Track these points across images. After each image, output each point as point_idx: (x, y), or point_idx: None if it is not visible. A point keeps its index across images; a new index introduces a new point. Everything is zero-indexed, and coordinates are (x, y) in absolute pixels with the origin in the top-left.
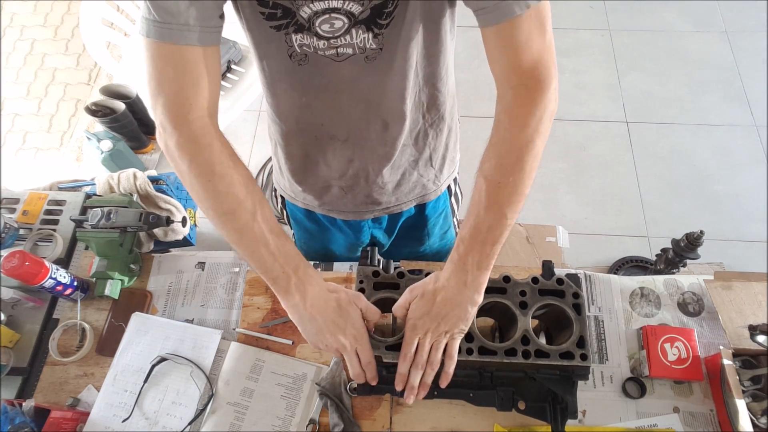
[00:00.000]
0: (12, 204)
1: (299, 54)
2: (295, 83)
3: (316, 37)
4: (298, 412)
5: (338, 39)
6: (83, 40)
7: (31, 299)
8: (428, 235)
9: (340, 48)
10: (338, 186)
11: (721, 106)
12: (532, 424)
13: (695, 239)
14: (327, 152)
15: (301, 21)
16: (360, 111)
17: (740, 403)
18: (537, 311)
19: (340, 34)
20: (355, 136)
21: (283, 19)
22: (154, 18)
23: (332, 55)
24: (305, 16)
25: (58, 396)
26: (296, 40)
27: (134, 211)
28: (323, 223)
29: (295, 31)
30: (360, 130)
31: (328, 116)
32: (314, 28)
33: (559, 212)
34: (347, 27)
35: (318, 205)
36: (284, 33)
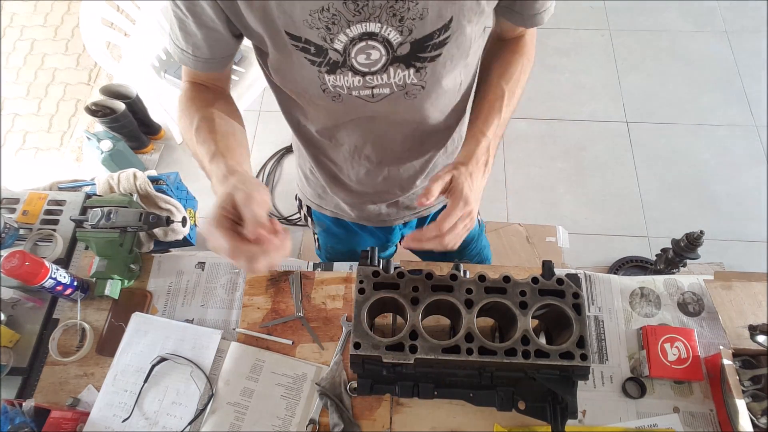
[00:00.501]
0: (12, 204)
1: (332, 92)
2: (329, 113)
3: (351, 72)
4: (298, 412)
5: (375, 77)
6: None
7: (31, 299)
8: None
9: (376, 88)
10: (371, 198)
11: (721, 106)
12: (532, 424)
13: (695, 239)
14: (360, 171)
15: (334, 58)
16: (396, 137)
17: (740, 403)
18: (537, 311)
19: (377, 69)
20: (389, 158)
21: (317, 57)
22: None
23: (367, 95)
24: (340, 47)
25: (58, 396)
26: (329, 81)
27: (134, 211)
28: (353, 228)
29: (328, 71)
30: (395, 153)
31: (362, 143)
32: (350, 61)
33: (559, 212)
34: (384, 62)
35: (349, 214)
36: (317, 69)
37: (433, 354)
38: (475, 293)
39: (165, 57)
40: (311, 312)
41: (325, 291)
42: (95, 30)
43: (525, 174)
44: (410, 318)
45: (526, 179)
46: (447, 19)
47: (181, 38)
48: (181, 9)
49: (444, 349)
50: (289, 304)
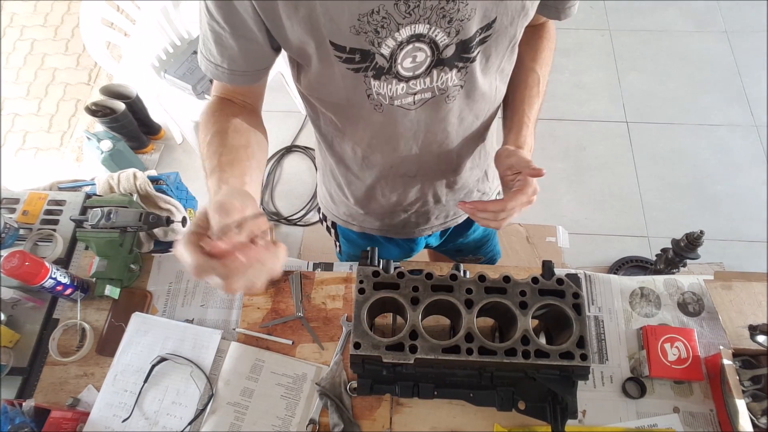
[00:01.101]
0: (12, 204)
1: (375, 100)
2: (368, 125)
3: (396, 79)
4: (298, 412)
5: (418, 80)
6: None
7: (31, 299)
8: (474, 230)
9: (418, 94)
10: (403, 211)
11: (721, 106)
12: (532, 424)
13: (695, 239)
14: (396, 186)
15: (380, 63)
16: (433, 151)
17: (740, 403)
18: (537, 311)
19: (421, 72)
20: (425, 171)
21: (362, 63)
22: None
23: (408, 103)
24: (387, 52)
25: (58, 396)
26: (374, 86)
27: (134, 211)
28: (378, 240)
29: (374, 76)
30: (431, 166)
31: (399, 158)
32: (395, 67)
33: (559, 212)
34: (429, 64)
35: (378, 228)
36: (363, 75)
37: (433, 354)
38: (475, 293)
39: (165, 57)
40: (311, 312)
41: (325, 291)
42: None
43: None
44: (410, 318)
45: None
46: (491, 19)
47: (216, 52)
48: (218, 22)
49: (444, 349)
50: (289, 304)
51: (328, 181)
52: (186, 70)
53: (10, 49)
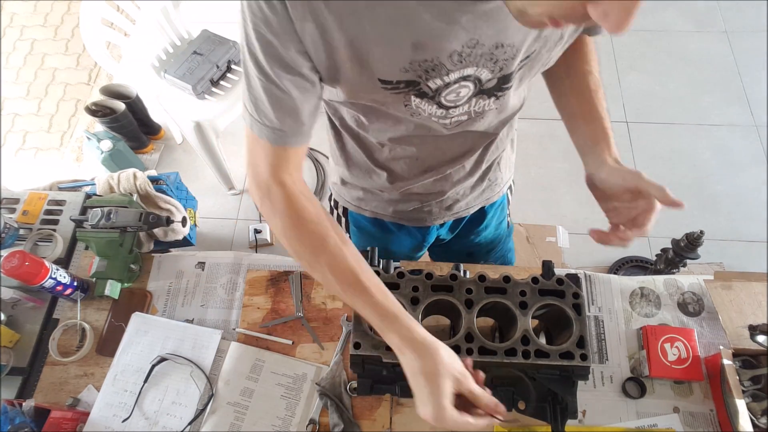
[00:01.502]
0: (12, 204)
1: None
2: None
3: (437, 106)
4: (298, 412)
5: (457, 109)
6: (83, 40)
7: (31, 299)
8: (486, 227)
9: (454, 117)
10: (418, 197)
11: (721, 106)
12: (532, 424)
13: (695, 239)
14: (418, 178)
15: (424, 90)
16: (459, 151)
17: (740, 403)
18: (537, 311)
19: (462, 103)
20: (447, 167)
21: (406, 88)
22: (265, 123)
23: (445, 123)
24: (433, 87)
25: (58, 396)
26: (414, 101)
27: (134, 211)
28: (390, 227)
29: (416, 95)
30: (455, 163)
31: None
32: (438, 98)
33: (559, 212)
34: (470, 95)
35: (390, 214)
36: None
37: None
38: (475, 293)
39: (165, 57)
40: (311, 312)
41: (325, 291)
42: (95, 30)
43: (525, 174)
44: None
45: (526, 179)
46: (531, 52)
47: (274, 116)
48: (279, 86)
49: None
50: (289, 304)
51: (341, 165)
52: (186, 70)
53: (10, 49)
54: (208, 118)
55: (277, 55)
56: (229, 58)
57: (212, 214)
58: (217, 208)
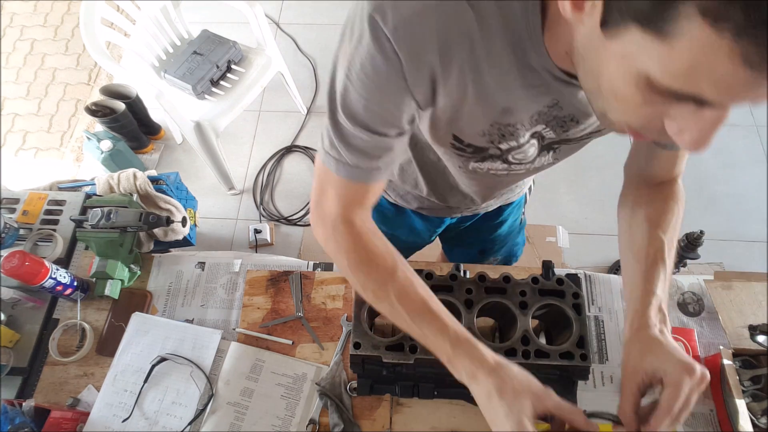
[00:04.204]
0: (12, 204)
1: (469, 171)
2: (446, 176)
3: (501, 161)
4: (298, 412)
5: (522, 165)
6: (83, 40)
7: (31, 299)
8: (501, 223)
9: (513, 172)
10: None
11: None
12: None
13: (695, 239)
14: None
15: (493, 153)
16: (501, 185)
17: (740, 403)
18: (537, 311)
19: (527, 162)
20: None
21: (471, 154)
22: (344, 160)
23: (503, 174)
24: (504, 148)
25: (58, 396)
26: (472, 165)
27: (134, 211)
28: (407, 212)
29: (477, 160)
30: (492, 192)
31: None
32: (506, 156)
33: (559, 212)
34: (536, 155)
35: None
36: (466, 157)
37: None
38: (475, 293)
39: (165, 57)
40: (311, 312)
41: (325, 291)
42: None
43: None
44: None
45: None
46: (602, 129)
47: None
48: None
49: None
50: (289, 304)
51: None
52: (186, 70)
53: (10, 49)
54: (208, 118)
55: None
56: (229, 58)
57: (212, 214)
58: (217, 208)
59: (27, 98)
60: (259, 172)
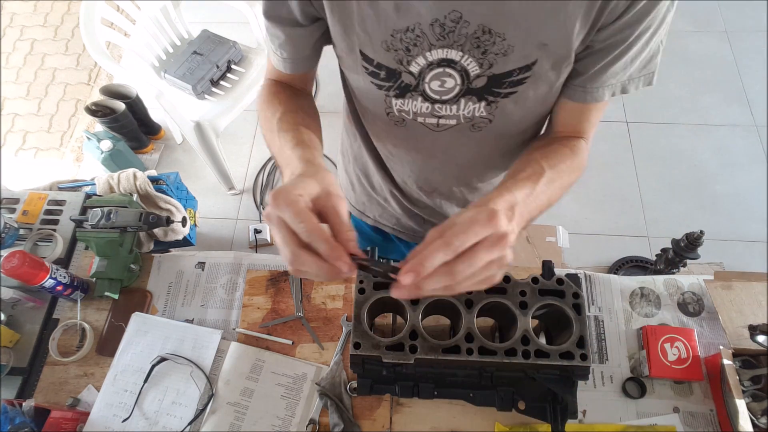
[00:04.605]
0: (12, 204)
1: (396, 116)
2: (390, 134)
3: (422, 97)
4: (298, 412)
5: (444, 106)
6: (83, 40)
7: (31, 299)
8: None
9: (443, 119)
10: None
11: (721, 106)
12: (533, 422)
13: (695, 239)
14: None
15: (406, 82)
16: (452, 174)
17: (740, 403)
18: (537, 311)
19: (448, 99)
20: (441, 189)
21: (386, 81)
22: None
23: (432, 124)
24: (416, 71)
25: (58, 396)
26: (395, 105)
27: (134, 211)
28: (391, 237)
29: (396, 95)
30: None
31: (417, 170)
32: (422, 85)
33: (559, 212)
34: (457, 93)
35: (392, 226)
36: (385, 93)
37: (433, 354)
38: (475, 293)
39: (165, 57)
40: (311, 312)
41: (325, 291)
42: (95, 30)
43: None
44: (410, 318)
45: None
46: (531, 61)
47: (273, 44)
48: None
49: (444, 349)
50: (289, 304)
51: (351, 169)
52: (186, 70)
53: (10, 49)
54: (208, 118)
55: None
56: (229, 58)
57: (212, 214)
58: (217, 208)
59: (27, 98)
60: (259, 172)
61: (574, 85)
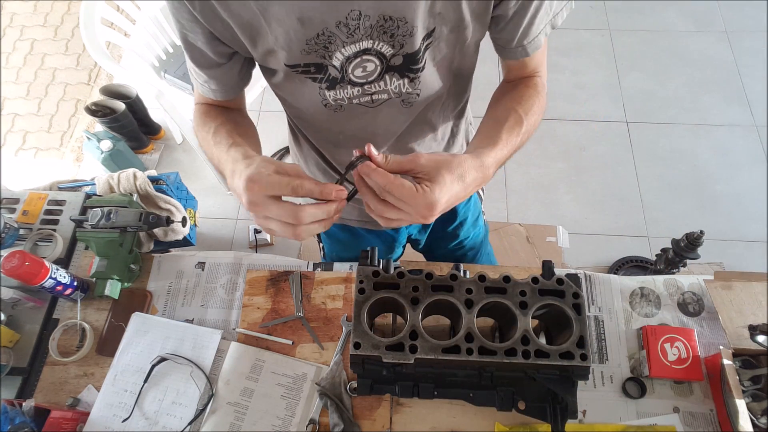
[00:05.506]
0: (12, 204)
1: (333, 105)
2: (332, 121)
3: (350, 85)
4: (298, 412)
5: (372, 85)
6: (83, 40)
7: (31, 299)
8: (462, 226)
9: (375, 94)
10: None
11: (721, 106)
12: (533, 422)
13: (695, 239)
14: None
15: (333, 74)
16: (394, 147)
17: (740, 403)
18: (537, 311)
19: (374, 78)
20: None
21: (317, 74)
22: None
23: (367, 101)
24: (337, 64)
25: (58, 396)
26: (329, 96)
27: (134, 211)
28: (359, 232)
29: (328, 87)
30: (397, 149)
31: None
32: (347, 76)
33: (559, 212)
34: (380, 71)
35: (356, 218)
36: (318, 85)
37: (433, 354)
38: (475, 293)
39: (165, 57)
40: (311, 312)
41: (325, 291)
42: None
43: (525, 174)
44: (410, 318)
45: (526, 179)
46: (430, 29)
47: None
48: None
49: (444, 349)
50: (289, 304)
51: (303, 168)
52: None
53: (10, 49)
54: None
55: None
56: None
57: (212, 214)
58: (217, 208)
59: (27, 98)
60: None
61: (512, 48)
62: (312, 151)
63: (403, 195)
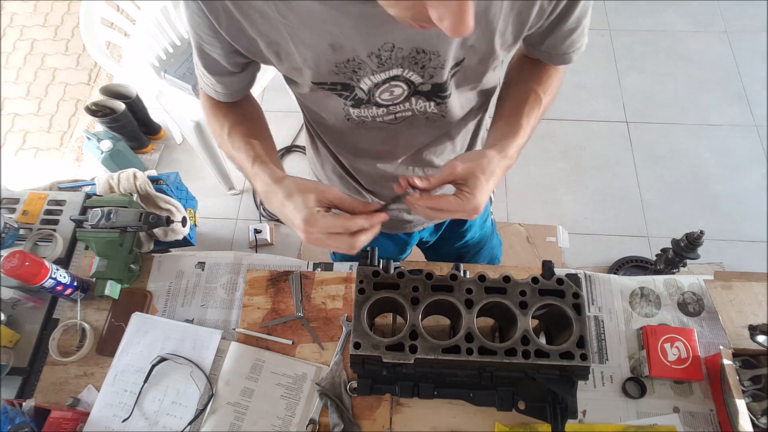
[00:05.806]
0: (12, 204)
1: (357, 120)
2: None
3: (376, 106)
4: (298, 412)
5: (397, 106)
6: (83, 40)
7: (31, 299)
8: (470, 228)
9: (399, 113)
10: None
11: (721, 106)
12: (533, 422)
13: (695, 239)
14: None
15: (360, 95)
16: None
17: (740, 403)
18: (537, 311)
19: (400, 101)
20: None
21: (344, 91)
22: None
23: (390, 119)
24: (365, 88)
25: (58, 396)
26: (354, 113)
27: (134, 211)
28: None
29: (353, 105)
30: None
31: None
32: (374, 99)
33: (559, 212)
34: (407, 95)
35: None
36: (343, 102)
37: (433, 354)
38: (475, 293)
39: (165, 57)
40: (311, 312)
41: (325, 291)
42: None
43: (525, 174)
44: (410, 318)
45: (526, 179)
46: (459, 60)
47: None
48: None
49: (444, 349)
50: (289, 304)
51: (319, 172)
52: (186, 70)
53: (10, 49)
54: None
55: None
56: None
57: (212, 214)
58: (217, 208)
59: (27, 98)
60: None
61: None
62: (330, 156)
63: (451, 207)
